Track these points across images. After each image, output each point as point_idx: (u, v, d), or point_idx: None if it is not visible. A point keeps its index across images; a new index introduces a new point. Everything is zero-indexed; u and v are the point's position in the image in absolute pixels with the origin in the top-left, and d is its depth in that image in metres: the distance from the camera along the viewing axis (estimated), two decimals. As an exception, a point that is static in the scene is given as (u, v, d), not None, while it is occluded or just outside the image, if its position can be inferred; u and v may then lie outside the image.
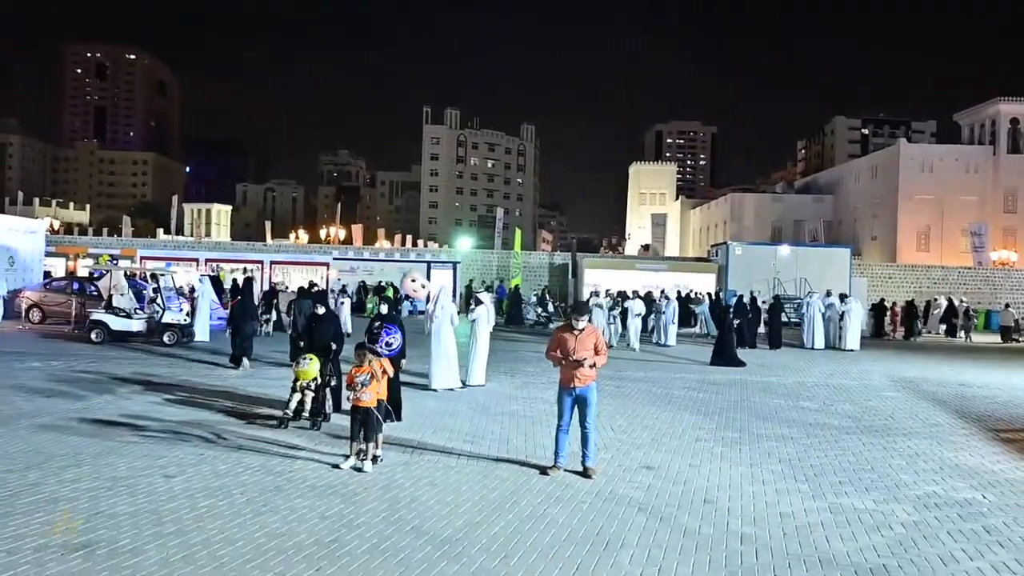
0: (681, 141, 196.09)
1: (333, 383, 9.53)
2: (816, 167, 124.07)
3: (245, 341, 13.81)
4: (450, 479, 7.10)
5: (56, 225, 78.78)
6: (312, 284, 27.58)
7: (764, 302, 25.83)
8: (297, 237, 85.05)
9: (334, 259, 35.03)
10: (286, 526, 5.72)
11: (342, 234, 71.76)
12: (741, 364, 17.02)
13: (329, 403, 9.48)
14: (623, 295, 22.15)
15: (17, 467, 7.06)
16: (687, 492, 6.93)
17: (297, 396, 8.93)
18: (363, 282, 33.32)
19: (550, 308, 29.80)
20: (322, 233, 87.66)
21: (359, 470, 7.19)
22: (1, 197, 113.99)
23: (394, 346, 8.56)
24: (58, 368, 13.29)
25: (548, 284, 37.73)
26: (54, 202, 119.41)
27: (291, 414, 8.95)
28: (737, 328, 23.75)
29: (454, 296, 27.53)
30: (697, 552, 5.46)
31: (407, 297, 22.25)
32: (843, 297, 23.87)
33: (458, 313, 12.59)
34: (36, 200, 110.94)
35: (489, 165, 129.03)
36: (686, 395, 12.65)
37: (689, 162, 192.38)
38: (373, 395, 7.35)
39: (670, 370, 16.10)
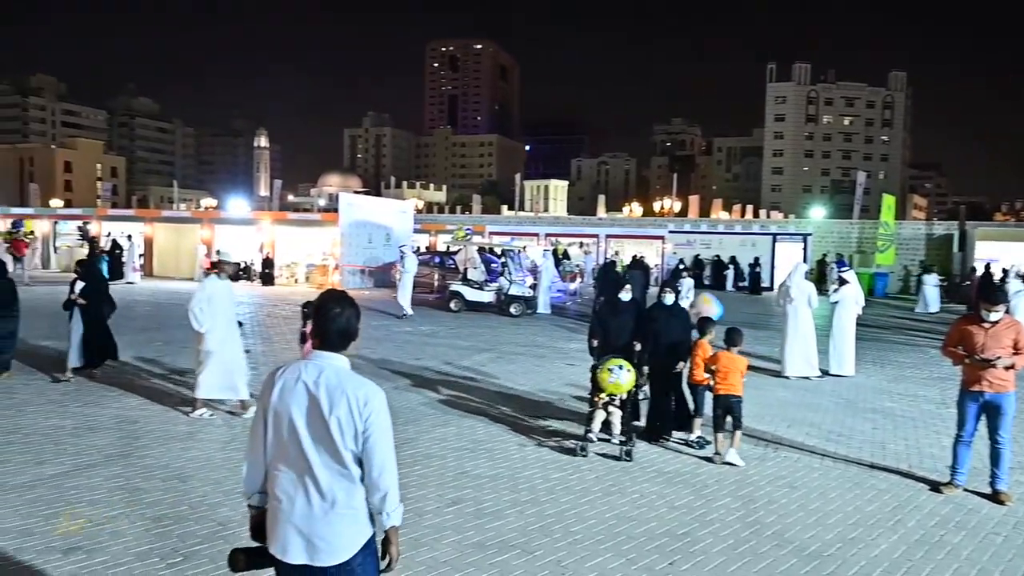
0: None
1: (641, 396, 7.54)
2: None
3: None
4: (813, 482, 6.28)
5: (420, 205, 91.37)
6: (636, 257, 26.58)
7: None
8: (631, 210, 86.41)
9: (669, 232, 34.02)
10: (636, 510, 5.55)
11: (676, 206, 70.91)
12: None
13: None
14: None
15: (398, 422, 7.91)
16: None
17: (601, 414, 7.07)
18: (681, 260, 27.97)
19: None
20: (655, 205, 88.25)
21: (730, 463, 6.64)
22: (378, 181, 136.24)
23: None
24: (425, 332, 15.09)
25: (926, 259, 31.72)
26: (418, 184, 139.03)
27: (594, 438, 7.05)
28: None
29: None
30: None
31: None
32: None
33: (817, 293, 11.26)
34: (404, 183, 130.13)
35: (846, 123, 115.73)
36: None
37: None
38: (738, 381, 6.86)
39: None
